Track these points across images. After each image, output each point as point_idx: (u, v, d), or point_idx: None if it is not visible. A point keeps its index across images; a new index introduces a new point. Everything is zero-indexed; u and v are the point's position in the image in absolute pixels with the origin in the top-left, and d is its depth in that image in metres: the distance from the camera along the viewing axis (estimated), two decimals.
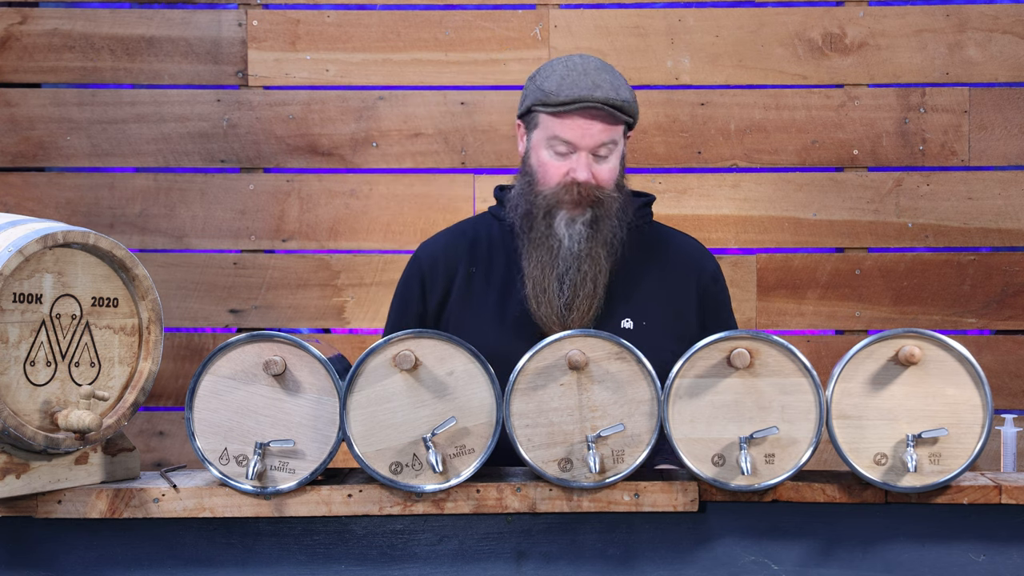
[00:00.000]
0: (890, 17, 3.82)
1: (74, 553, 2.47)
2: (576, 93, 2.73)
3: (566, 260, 2.76)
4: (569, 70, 2.76)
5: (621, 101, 2.75)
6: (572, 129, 2.74)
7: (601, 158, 2.77)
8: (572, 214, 2.77)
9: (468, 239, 2.92)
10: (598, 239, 2.77)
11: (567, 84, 2.74)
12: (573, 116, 2.74)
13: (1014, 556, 2.44)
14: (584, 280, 2.76)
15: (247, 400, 2.41)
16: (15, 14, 3.86)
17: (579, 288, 2.75)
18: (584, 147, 2.74)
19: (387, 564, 2.47)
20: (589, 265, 2.76)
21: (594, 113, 2.73)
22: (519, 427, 2.40)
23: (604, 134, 2.75)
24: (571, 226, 2.76)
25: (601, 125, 2.74)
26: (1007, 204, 3.81)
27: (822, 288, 3.85)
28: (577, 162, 2.75)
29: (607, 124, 2.75)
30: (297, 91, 3.88)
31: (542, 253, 2.77)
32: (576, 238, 2.76)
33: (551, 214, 2.77)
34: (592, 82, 2.74)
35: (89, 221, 3.84)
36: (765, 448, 2.38)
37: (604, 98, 2.73)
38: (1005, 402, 3.79)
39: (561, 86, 2.74)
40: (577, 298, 2.75)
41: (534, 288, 2.77)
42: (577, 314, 2.75)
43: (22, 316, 2.32)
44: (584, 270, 2.76)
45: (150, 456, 3.87)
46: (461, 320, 2.84)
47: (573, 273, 2.76)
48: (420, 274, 2.91)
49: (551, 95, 2.75)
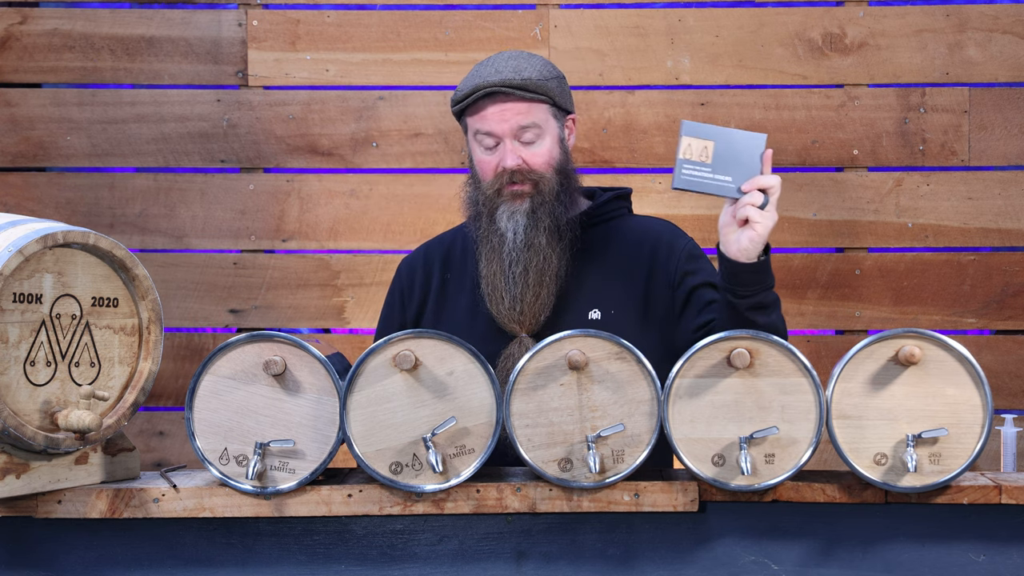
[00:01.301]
0: (890, 17, 3.82)
1: (74, 553, 2.47)
2: (474, 83, 2.76)
3: (510, 254, 2.77)
4: (480, 66, 2.80)
5: (521, 80, 2.74)
6: (486, 119, 2.76)
7: (528, 143, 2.77)
8: (511, 207, 2.78)
9: (445, 247, 2.96)
10: (540, 227, 2.77)
11: (472, 77, 2.78)
12: (484, 107, 2.76)
13: (1014, 556, 2.44)
14: (527, 271, 2.76)
15: (247, 400, 2.41)
16: (15, 14, 3.86)
17: (522, 280, 2.76)
18: (503, 134, 2.76)
19: (387, 564, 2.47)
20: (532, 255, 2.77)
21: (502, 97, 2.75)
22: (519, 427, 2.40)
23: (521, 117, 2.75)
24: (512, 219, 2.77)
25: (515, 107, 2.75)
26: (1007, 204, 3.81)
27: (822, 288, 3.85)
28: (504, 150, 2.76)
29: (521, 105, 2.75)
30: (297, 91, 3.88)
31: (490, 250, 2.80)
32: (517, 230, 2.77)
33: (493, 209, 2.79)
34: (493, 69, 2.76)
35: (89, 221, 3.84)
36: (765, 448, 2.38)
37: (500, 80, 2.74)
38: (1005, 402, 3.79)
39: (467, 80, 2.78)
40: (524, 290, 2.76)
41: (487, 286, 2.80)
42: (524, 305, 2.77)
43: (22, 316, 2.32)
44: (526, 261, 2.77)
45: (150, 456, 3.87)
46: (436, 324, 2.87)
47: (516, 266, 2.77)
48: (400, 286, 2.96)
49: (459, 92, 2.79)
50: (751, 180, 2.54)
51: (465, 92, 2.77)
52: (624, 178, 3.82)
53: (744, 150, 2.53)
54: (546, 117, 2.78)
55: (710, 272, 2.86)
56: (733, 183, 2.53)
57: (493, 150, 2.78)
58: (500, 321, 2.79)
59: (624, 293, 2.81)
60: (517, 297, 2.77)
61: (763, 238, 2.57)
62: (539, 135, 2.77)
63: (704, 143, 2.51)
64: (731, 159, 2.52)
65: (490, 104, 2.75)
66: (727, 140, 2.52)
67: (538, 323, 2.78)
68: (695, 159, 2.51)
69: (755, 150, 2.53)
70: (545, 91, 2.77)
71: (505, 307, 2.78)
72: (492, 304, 2.79)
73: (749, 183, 2.54)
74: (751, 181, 2.54)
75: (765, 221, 2.55)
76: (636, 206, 3.05)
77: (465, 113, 2.81)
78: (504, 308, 2.78)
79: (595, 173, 3.85)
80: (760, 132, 2.61)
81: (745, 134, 2.53)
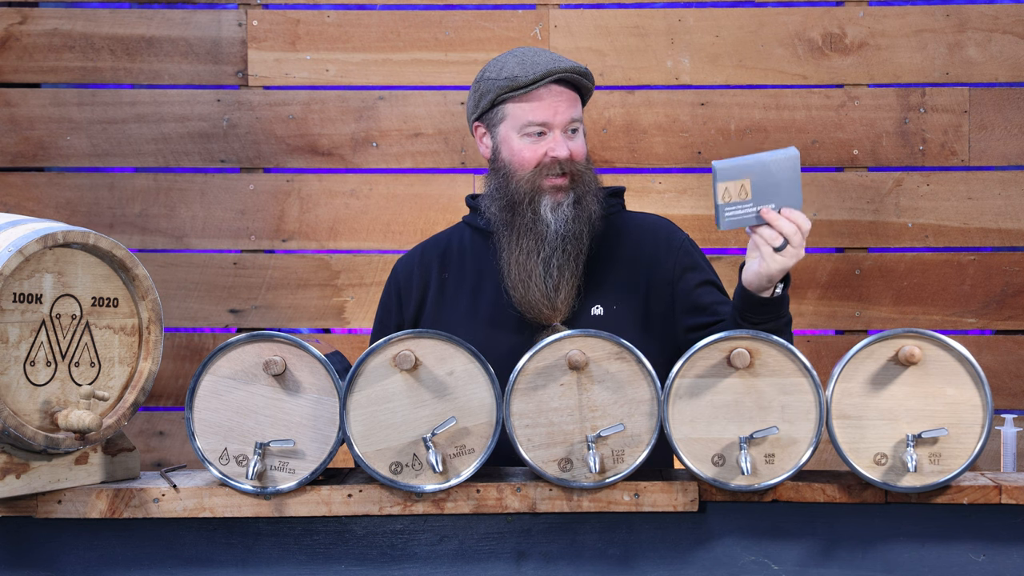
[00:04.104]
0: (890, 17, 3.82)
1: (74, 553, 2.47)
2: (543, 68, 2.76)
3: (552, 243, 2.77)
4: (523, 55, 2.80)
5: (584, 69, 2.80)
6: (543, 110, 2.76)
7: (573, 134, 2.79)
8: (556, 198, 2.77)
9: (442, 247, 2.94)
10: (582, 218, 2.78)
11: (530, 65, 2.77)
12: (541, 97, 2.76)
13: (1014, 556, 2.44)
14: (568, 260, 2.77)
15: (247, 400, 2.41)
16: (15, 14, 3.86)
17: (564, 269, 2.76)
18: (557, 124, 2.77)
19: (387, 564, 2.47)
20: (572, 245, 2.77)
21: (560, 89, 2.77)
22: (519, 427, 2.40)
23: (573, 109, 2.79)
24: (557, 210, 2.77)
25: (567, 100, 2.78)
26: (1007, 204, 3.81)
27: (822, 288, 3.85)
28: (554, 140, 2.77)
29: (572, 99, 2.80)
30: (297, 91, 3.88)
31: (528, 240, 2.77)
32: (563, 220, 2.77)
33: (536, 200, 2.77)
34: (551, 58, 2.79)
35: (89, 221, 3.84)
36: (765, 448, 2.38)
37: (571, 66, 2.78)
38: (1005, 402, 3.79)
39: (525, 69, 2.77)
40: (563, 279, 2.76)
41: (519, 274, 2.77)
42: (564, 294, 2.76)
43: (22, 316, 2.32)
44: (568, 250, 2.77)
45: (150, 456, 3.87)
46: (436, 321, 2.86)
47: (559, 255, 2.76)
48: (397, 286, 2.95)
49: (519, 79, 2.77)
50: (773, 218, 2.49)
51: (533, 77, 2.75)
52: (624, 178, 3.82)
53: (780, 172, 2.49)
54: (581, 112, 2.83)
55: (707, 269, 2.87)
56: (777, 207, 2.50)
57: (538, 139, 2.77)
58: (531, 308, 2.76)
59: (625, 288, 2.82)
60: (553, 287, 2.75)
61: (772, 278, 2.54)
62: (580, 128, 2.82)
63: (740, 183, 2.48)
64: (770, 187, 2.49)
65: (547, 95, 2.76)
66: (762, 171, 2.49)
67: (570, 311, 2.78)
68: (735, 200, 2.48)
69: (791, 169, 2.49)
70: (593, 82, 2.83)
71: (542, 294, 2.75)
72: (525, 291, 2.76)
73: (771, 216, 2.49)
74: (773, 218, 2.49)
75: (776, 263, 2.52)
76: (636, 206, 3.05)
77: (509, 100, 2.78)
78: (538, 297, 2.75)
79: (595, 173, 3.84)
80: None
81: (777, 156, 2.49)
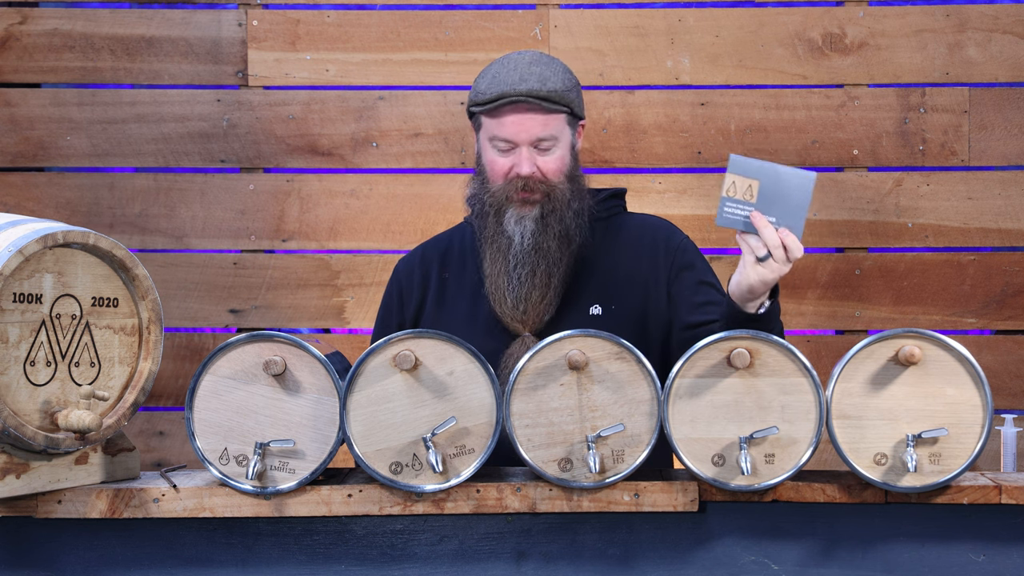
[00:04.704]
0: (890, 17, 3.82)
1: (74, 553, 2.47)
2: (500, 89, 2.72)
3: (516, 256, 2.77)
4: (501, 67, 2.76)
5: (547, 91, 2.72)
6: (506, 126, 2.73)
7: (544, 151, 2.75)
8: (520, 212, 2.77)
9: (443, 247, 2.95)
10: (549, 233, 2.76)
11: (495, 81, 2.74)
12: (505, 113, 2.73)
13: (1014, 556, 2.44)
14: (534, 273, 2.76)
15: (247, 400, 2.41)
16: (15, 14, 3.86)
17: (528, 281, 2.76)
18: (522, 142, 2.73)
19: (387, 564, 2.47)
20: (540, 258, 2.76)
21: (525, 107, 2.72)
22: (519, 427, 2.40)
23: (540, 128, 2.73)
24: (520, 223, 2.76)
25: (537, 118, 2.72)
26: (1007, 204, 3.81)
27: (822, 288, 3.85)
28: (519, 157, 2.74)
29: (542, 116, 2.73)
30: (297, 91, 3.88)
31: (495, 251, 2.79)
32: (525, 234, 2.76)
33: (501, 212, 2.77)
34: (519, 76, 2.72)
35: (89, 221, 3.84)
36: (765, 448, 2.38)
37: (528, 90, 2.71)
38: (1005, 402, 3.79)
39: (490, 84, 2.74)
40: (531, 291, 2.76)
41: (491, 285, 2.79)
42: (530, 305, 2.76)
43: (22, 316, 2.32)
44: (533, 264, 2.76)
45: (150, 456, 3.87)
46: (436, 322, 2.86)
47: (521, 268, 2.76)
48: (398, 286, 2.95)
49: (480, 94, 2.76)
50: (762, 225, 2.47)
51: (489, 97, 2.73)
52: (624, 178, 3.82)
53: (790, 189, 2.45)
54: (563, 127, 2.77)
55: (704, 269, 2.87)
56: (776, 223, 2.47)
57: (507, 153, 2.76)
58: (503, 320, 2.79)
59: (624, 288, 2.82)
60: (521, 297, 2.77)
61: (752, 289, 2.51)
62: (554, 144, 2.75)
63: (749, 182, 2.44)
64: (776, 198, 2.46)
65: (511, 112, 2.72)
66: (774, 178, 2.45)
67: (541, 322, 2.78)
68: (739, 197, 2.45)
69: (802, 191, 2.45)
70: (567, 102, 2.75)
71: (508, 307, 2.78)
72: (496, 303, 2.79)
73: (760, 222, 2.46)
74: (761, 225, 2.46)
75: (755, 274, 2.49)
76: (636, 206, 3.05)
77: (480, 113, 2.78)
78: (507, 307, 2.78)
79: (595, 173, 3.84)
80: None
81: (793, 172, 2.46)
